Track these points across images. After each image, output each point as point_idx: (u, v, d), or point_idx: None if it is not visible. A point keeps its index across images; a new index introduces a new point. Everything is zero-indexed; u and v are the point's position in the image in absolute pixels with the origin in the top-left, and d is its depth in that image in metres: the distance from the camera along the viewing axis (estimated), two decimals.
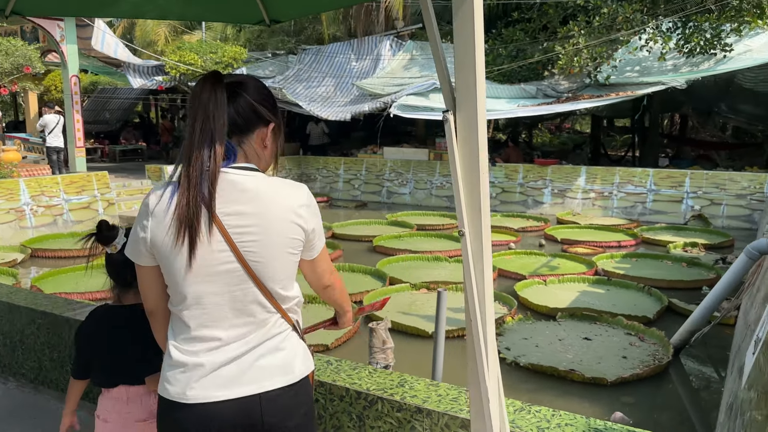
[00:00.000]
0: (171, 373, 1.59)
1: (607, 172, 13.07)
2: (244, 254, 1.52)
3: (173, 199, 1.51)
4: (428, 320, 6.22)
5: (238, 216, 1.51)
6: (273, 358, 1.61)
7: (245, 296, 1.56)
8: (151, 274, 1.61)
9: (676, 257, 8.84)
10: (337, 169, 16.26)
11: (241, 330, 1.58)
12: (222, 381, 1.56)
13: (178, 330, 1.60)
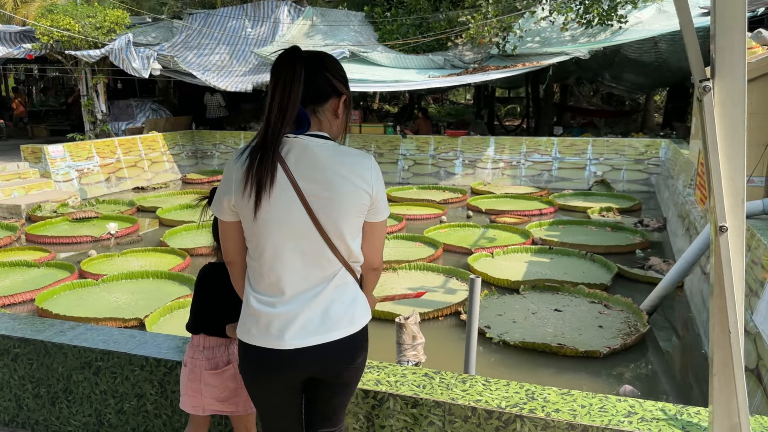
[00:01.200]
0: (250, 320, 1.77)
1: (514, 142, 13.41)
2: (315, 211, 1.68)
3: (252, 159, 1.66)
4: (397, 303, 5.95)
5: (310, 178, 1.68)
6: (339, 309, 1.77)
7: (315, 250, 1.72)
8: (230, 229, 1.78)
9: (599, 222, 9.23)
10: (237, 145, 15.30)
11: (311, 281, 1.74)
12: (296, 330, 1.73)
13: (255, 281, 1.78)
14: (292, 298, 1.74)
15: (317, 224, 1.69)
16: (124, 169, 12.94)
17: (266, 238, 1.70)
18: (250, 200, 1.67)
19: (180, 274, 6.82)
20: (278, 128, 1.66)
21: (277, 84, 1.67)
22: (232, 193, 1.70)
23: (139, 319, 5.57)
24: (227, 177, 1.74)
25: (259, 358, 1.77)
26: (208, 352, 2.20)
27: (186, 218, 9.79)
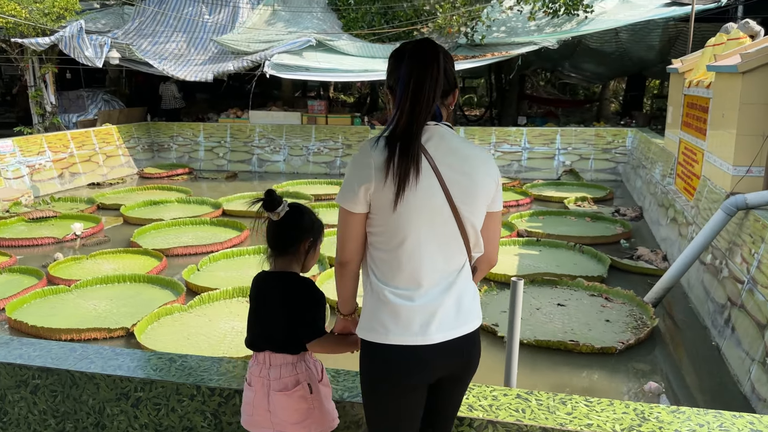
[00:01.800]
0: (386, 317, 1.71)
1: (483, 132, 13.36)
2: (453, 198, 1.70)
3: (393, 147, 1.66)
4: None
5: (450, 165, 1.71)
6: (468, 300, 1.77)
7: (450, 239, 1.73)
8: (358, 222, 1.74)
9: (579, 213, 9.26)
10: (195, 137, 14.70)
11: (445, 272, 1.74)
12: (437, 323, 1.70)
13: (390, 274, 1.73)
14: (428, 290, 1.72)
15: (455, 211, 1.70)
16: (78, 164, 12.21)
17: (407, 227, 1.69)
18: (392, 189, 1.65)
19: (159, 277, 6.41)
20: (423, 117, 1.67)
21: (418, 73, 1.67)
22: (372, 180, 1.67)
23: (125, 328, 5.17)
24: (363, 164, 1.70)
25: (401, 357, 1.71)
26: (276, 371, 2.00)
27: (153, 215, 9.28)
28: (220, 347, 4.87)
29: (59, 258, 7.07)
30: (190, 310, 5.62)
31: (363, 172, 1.70)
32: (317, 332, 1.98)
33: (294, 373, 2.00)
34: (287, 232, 2.02)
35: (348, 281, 1.84)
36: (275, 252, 2.06)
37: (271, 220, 2.01)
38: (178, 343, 4.94)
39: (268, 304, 2.03)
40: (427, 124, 1.71)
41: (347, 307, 1.93)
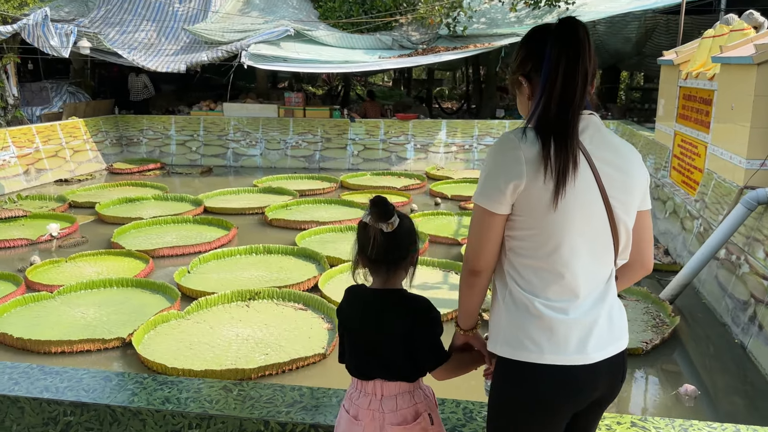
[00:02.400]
0: (538, 333, 1.52)
1: (466, 125, 13.19)
2: (609, 197, 1.52)
3: (547, 138, 1.48)
4: None
5: (606, 160, 1.53)
6: (617, 312, 1.60)
7: (603, 242, 1.55)
8: (500, 225, 1.55)
9: None
10: (167, 130, 14.13)
11: (597, 280, 1.56)
12: (595, 339, 1.52)
13: (541, 284, 1.54)
14: (583, 302, 1.54)
15: (609, 211, 1.53)
16: (44, 160, 11.56)
17: (563, 229, 1.50)
18: (548, 186, 1.47)
19: (149, 281, 6.02)
20: (578, 104, 1.50)
21: (569, 55, 1.49)
22: (524, 176, 1.48)
23: (121, 338, 4.80)
24: (511, 159, 1.50)
25: (556, 379, 1.51)
26: (391, 403, 1.75)
27: (130, 214, 8.81)
28: (226, 357, 4.54)
29: (36, 261, 6.59)
30: (188, 316, 5.26)
31: (511, 167, 1.49)
32: (442, 357, 1.75)
33: (412, 402, 1.77)
34: (400, 244, 1.77)
35: (478, 292, 1.64)
36: (384, 267, 1.79)
37: (378, 231, 1.74)
38: (180, 354, 4.59)
39: (380, 327, 1.77)
40: (581, 113, 1.53)
41: (470, 322, 1.72)
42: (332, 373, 4.40)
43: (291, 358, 4.42)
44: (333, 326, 5.05)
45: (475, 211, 1.57)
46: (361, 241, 1.78)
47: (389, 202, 1.77)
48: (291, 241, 7.50)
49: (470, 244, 1.59)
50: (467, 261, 1.60)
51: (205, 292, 5.64)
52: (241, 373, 4.22)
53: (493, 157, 1.55)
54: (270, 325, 5.09)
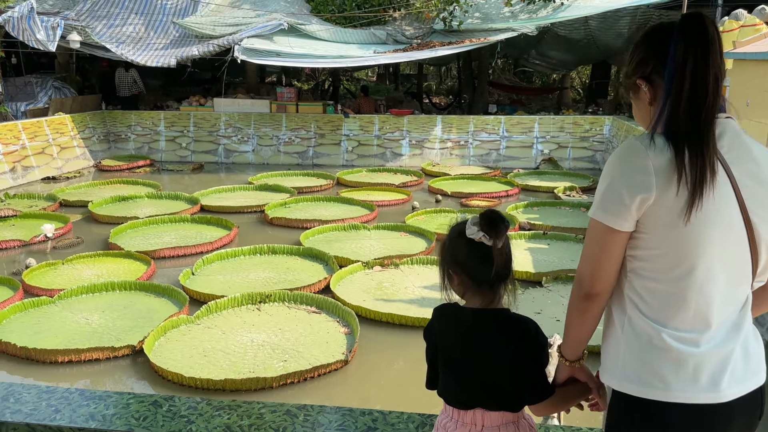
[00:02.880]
0: (664, 367, 1.37)
1: (461, 121, 13.08)
2: (750, 211, 1.37)
3: (680, 145, 1.34)
4: (420, 305, 5.37)
5: (746, 170, 1.38)
6: (753, 342, 1.43)
7: (740, 263, 1.39)
8: (622, 243, 1.41)
9: (573, 203, 9.10)
10: (155, 126, 13.80)
11: (732, 307, 1.41)
12: (729, 375, 1.37)
13: (671, 311, 1.38)
14: (716, 332, 1.39)
15: (748, 228, 1.37)
16: (31, 157, 11.21)
17: (699, 248, 1.35)
18: (681, 200, 1.32)
19: (152, 283, 5.81)
20: (712, 106, 1.36)
21: (697, 53, 1.35)
22: (653, 189, 1.33)
23: (131, 346, 4.60)
24: (638, 169, 1.35)
25: (686, 419, 1.36)
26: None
27: (125, 213, 8.55)
28: (243, 364, 4.37)
29: (32, 264, 6.34)
30: (198, 321, 5.07)
31: (638, 178, 1.34)
32: (547, 392, 1.59)
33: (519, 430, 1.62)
34: (508, 259, 1.63)
35: (591, 319, 1.49)
36: (488, 285, 1.64)
37: (489, 248, 1.59)
38: (194, 361, 4.41)
39: (484, 352, 1.62)
40: (717, 116, 1.39)
41: (578, 352, 1.56)
42: (354, 381, 4.26)
43: (312, 366, 4.27)
44: (350, 330, 4.90)
45: (593, 227, 1.42)
46: (462, 257, 1.63)
47: (503, 215, 1.62)
48: (294, 241, 7.32)
49: (586, 264, 1.44)
50: (581, 284, 1.45)
51: (214, 295, 5.46)
52: (262, 382, 4.06)
53: (616, 166, 1.39)
54: (284, 330, 4.92)
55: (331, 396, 4.07)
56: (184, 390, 4.09)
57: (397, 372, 4.39)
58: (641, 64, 1.46)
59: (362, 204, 9.01)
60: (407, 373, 4.38)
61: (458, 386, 1.65)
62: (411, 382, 4.26)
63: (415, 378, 4.29)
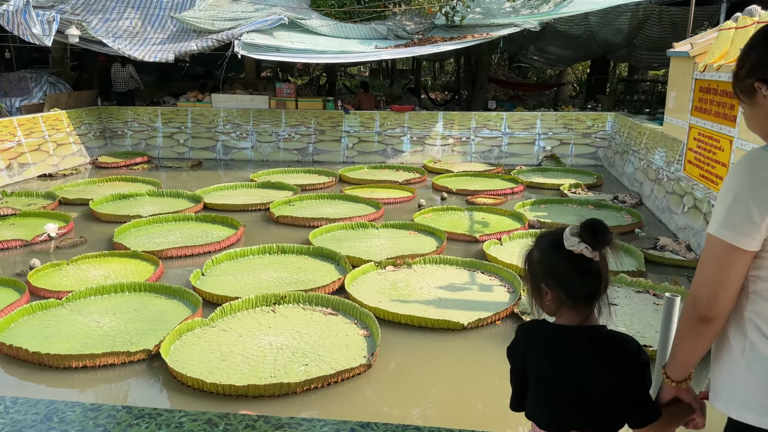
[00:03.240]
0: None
1: (463, 117, 12.98)
2: None
3: None
4: (438, 306, 5.29)
5: None
6: None
7: None
8: (746, 264, 1.33)
9: (581, 200, 9.04)
10: (152, 122, 13.61)
11: None
12: None
13: None
14: None
15: None
16: (27, 154, 11.00)
17: None
18: None
19: (163, 285, 5.67)
20: None
21: None
22: None
23: (147, 350, 4.47)
24: (766, 183, 1.27)
25: None
26: None
27: (127, 211, 8.40)
28: (263, 369, 4.26)
29: (36, 264, 6.18)
30: (213, 323, 4.96)
31: (762, 194, 1.26)
32: (652, 415, 1.49)
33: None
34: (604, 270, 1.54)
35: (705, 342, 1.42)
36: (585, 300, 1.54)
37: (590, 260, 1.49)
38: (213, 366, 4.30)
39: (581, 373, 1.52)
40: None
41: (685, 373, 1.47)
42: (378, 385, 4.16)
43: (335, 370, 4.17)
44: (369, 333, 4.80)
45: (714, 246, 1.34)
46: (559, 271, 1.53)
47: (605, 223, 1.52)
48: (301, 240, 7.21)
49: (703, 285, 1.36)
50: (697, 304, 1.36)
51: (227, 297, 5.34)
52: (285, 388, 3.95)
53: (742, 179, 1.31)
54: (302, 333, 4.82)
55: (355, 401, 3.97)
56: (205, 396, 3.98)
57: (421, 376, 4.29)
58: (760, 65, 1.36)
59: (368, 202, 8.90)
60: (432, 377, 4.29)
61: (552, 409, 1.55)
62: (437, 386, 4.18)
63: (440, 382, 4.21)
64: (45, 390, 4.13)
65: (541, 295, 1.59)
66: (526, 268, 1.66)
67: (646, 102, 16.93)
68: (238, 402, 3.91)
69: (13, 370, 4.35)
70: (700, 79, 7.56)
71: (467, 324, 4.87)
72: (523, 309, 5.21)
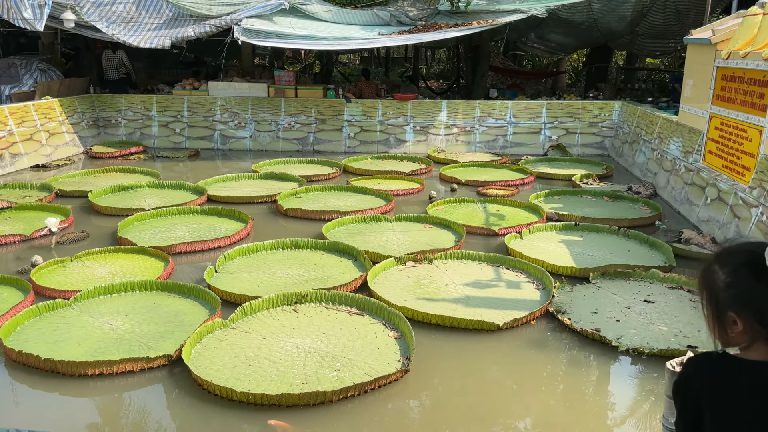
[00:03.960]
0: None
1: (467, 106, 12.72)
2: None
3: None
4: (467, 305, 5.05)
5: None
6: None
7: None
8: None
9: (596, 192, 8.84)
10: (147, 111, 13.20)
11: None
12: None
13: None
14: None
15: None
16: (19, 144, 10.58)
17: None
18: None
19: (176, 283, 5.38)
20: None
21: None
22: None
23: (167, 356, 4.19)
24: None
25: None
26: None
27: (127, 204, 8.07)
28: (294, 375, 4.00)
29: (38, 261, 5.86)
30: (233, 324, 4.69)
31: None
32: None
33: None
34: None
35: None
36: None
37: None
38: (239, 372, 4.03)
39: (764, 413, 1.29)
40: None
41: None
42: (416, 392, 3.92)
43: (370, 377, 3.92)
44: (400, 334, 4.56)
45: None
46: (757, 298, 1.28)
47: None
48: (313, 234, 6.95)
49: None
50: None
51: (246, 296, 5.06)
52: (321, 396, 3.70)
53: None
54: (329, 334, 4.56)
55: (394, 410, 3.73)
56: (234, 405, 3.72)
57: (460, 381, 4.06)
58: None
59: (376, 194, 8.63)
60: (472, 382, 4.06)
61: None
62: (478, 393, 3.95)
63: (483, 389, 3.95)
64: (58, 400, 3.85)
65: (727, 325, 1.34)
66: (705, 290, 1.42)
67: (648, 90, 16.78)
68: (270, 411, 3.66)
69: (23, 377, 4.06)
70: (722, 66, 7.35)
71: (502, 324, 4.65)
72: (557, 308, 4.99)
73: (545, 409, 3.75)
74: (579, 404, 3.84)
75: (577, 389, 4.00)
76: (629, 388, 4.04)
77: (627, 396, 3.97)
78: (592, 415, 3.73)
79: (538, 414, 3.73)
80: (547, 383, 4.06)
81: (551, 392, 3.96)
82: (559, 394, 3.95)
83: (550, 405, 3.80)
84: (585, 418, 3.68)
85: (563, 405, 3.82)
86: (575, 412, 3.74)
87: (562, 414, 3.71)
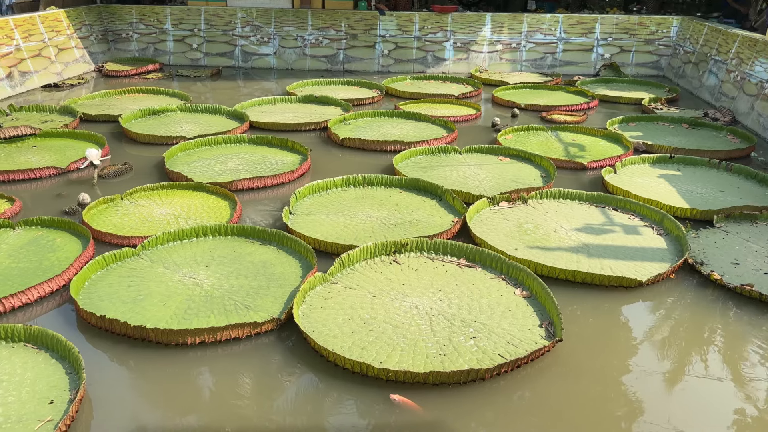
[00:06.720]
0: None
1: (514, 20, 11.68)
2: None
3: None
4: (589, 255, 4.46)
5: None
6: None
7: None
8: None
9: (673, 118, 8.10)
10: (161, 24, 12.07)
11: None
12: None
13: None
14: None
15: None
16: (27, 61, 9.59)
17: None
18: None
19: (254, 227, 4.71)
20: None
21: None
22: None
23: (276, 319, 3.60)
24: None
25: None
26: None
27: (162, 131, 7.28)
28: (425, 344, 3.43)
29: (86, 200, 5.17)
30: (334, 279, 4.09)
31: None
32: None
33: None
34: None
35: None
36: None
37: None
38: (362, 339, 3.46)
39: None
40: None
41: None
42: (571, 365, 3.38)
43: (515, 346, 3.37)
44: (528, 292, 3.98)
45: None
46: None
47: None
48: (378, 167, 6.29)
49: None
50: None
51: (341, 245, 4.43)
52: (473, 375, 3.15)
53: None
54: (446, 292, 3.98)
55: (558, 391, 3.20)
56: (367, 381, 3.17)
57: (618, 349, 3.53)
58: None
59: (433, 120, 7.86)
60: (632, 350, 3.52)
61: None
62: (644, 363, 3.42)
63: (647, 358, 3.39)
64: (159, 373, 3.27)
65: None
66: None
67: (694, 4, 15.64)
68: (412, 389, 3.11)
69: (108, 347, 3.47)
70: None
71: (645, 281, 4.07)
72: (695, 258, 4.41)
73: (741, 381, 3.24)
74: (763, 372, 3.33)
75: (756, 356, 3.48)
76: None
77: None
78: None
79: (733, 389, 3.21)
80: (725, 350, 3.53)
81: (732, 360, 3.43)
82: (741, 362, 3.42)
83: (744, 376, 3.28)
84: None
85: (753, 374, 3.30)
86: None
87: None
